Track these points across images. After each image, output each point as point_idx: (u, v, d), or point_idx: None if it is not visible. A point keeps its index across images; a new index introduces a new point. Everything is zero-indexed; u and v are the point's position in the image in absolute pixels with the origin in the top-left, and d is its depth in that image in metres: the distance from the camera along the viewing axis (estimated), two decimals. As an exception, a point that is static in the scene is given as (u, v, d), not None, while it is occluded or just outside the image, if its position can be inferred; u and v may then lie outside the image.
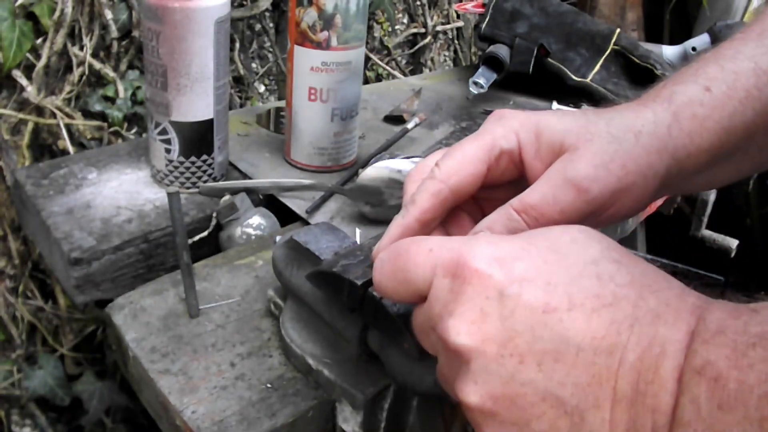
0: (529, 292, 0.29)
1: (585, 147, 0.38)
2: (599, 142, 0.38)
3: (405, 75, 1.38)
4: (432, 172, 0.39)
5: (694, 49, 1.05)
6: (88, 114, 0.92)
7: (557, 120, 0.40)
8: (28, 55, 0.85)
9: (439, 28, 1.45)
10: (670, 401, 0.26)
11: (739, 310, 0.27)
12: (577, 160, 0.38)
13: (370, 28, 1.31)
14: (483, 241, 0.32)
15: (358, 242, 0.48)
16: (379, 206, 0.65)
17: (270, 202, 0.70)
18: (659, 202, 1.00)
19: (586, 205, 0.37)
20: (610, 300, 0.29)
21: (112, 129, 0.92)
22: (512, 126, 0.40)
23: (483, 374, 0.30)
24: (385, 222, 0.65)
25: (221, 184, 0.68)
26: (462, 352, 0.30)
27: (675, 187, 0.44)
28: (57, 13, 0.86)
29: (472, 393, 0.30)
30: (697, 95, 0.41)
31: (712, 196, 1.14)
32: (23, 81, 0.85)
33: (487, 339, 0.30)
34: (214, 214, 0.65)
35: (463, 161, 0.39)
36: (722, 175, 0.45)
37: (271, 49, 1.16)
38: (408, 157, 0.67)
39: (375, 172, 0.65)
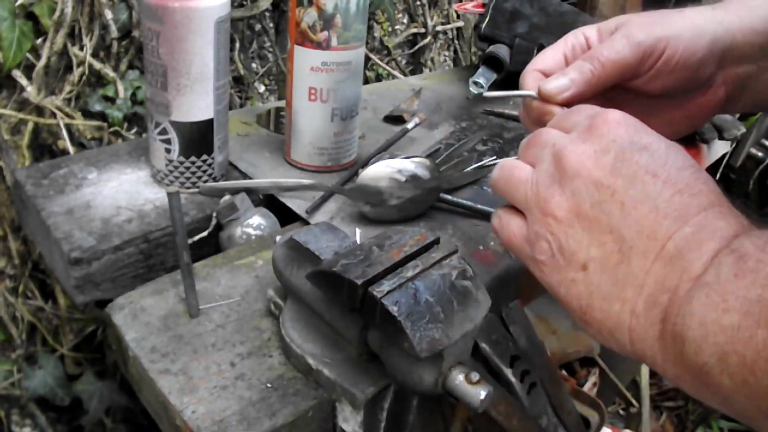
0: (644, 155, 0.36)
1: (636, 20, 0.48)
2: (650, 19, 0.48)
3: (405, 75, 1.38)
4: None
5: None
6: (88, 114, 0.92)
7: (629, 15, 0.51)
8: (28, 55, 0.85)
9: (439, 28, 1.45)
10: (700, 268, 0.32)
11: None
12: (628, 27, 0.48)
13: (370, 28, 1.31)
14: (621, 112, 0.39)
15: (358, 242, 0.48)
16: (379, 206, 0.65)
17: (270, 202, 0.70)
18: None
19: (634, 50, 0.47)
20: (695, 191, 0.35)
21: (112, 129, 0.93)
22: (582, 29, 0.52)
23: (580, 192, 0.37)
24: (385, 222, 0.65)
25: (221, 184, 0.68)
26: (574, 169, 0.38)
27: (740, 75, 0.50)
28: (57, 13, 0.86)
29: (563, 202, 0.38)
30: None
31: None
32: (23, 81, 0.85)
33: (599, 167, 0.37)
34: (214, 214, 0.65)
35: (544, 55, 0.52)
36: None
37: (271, 49, 1.16)
38: (408, 157, 0.67)
39: (375, 172, 0.65)
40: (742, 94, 0.52)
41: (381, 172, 0.65)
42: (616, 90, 0.49)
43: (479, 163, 0.77)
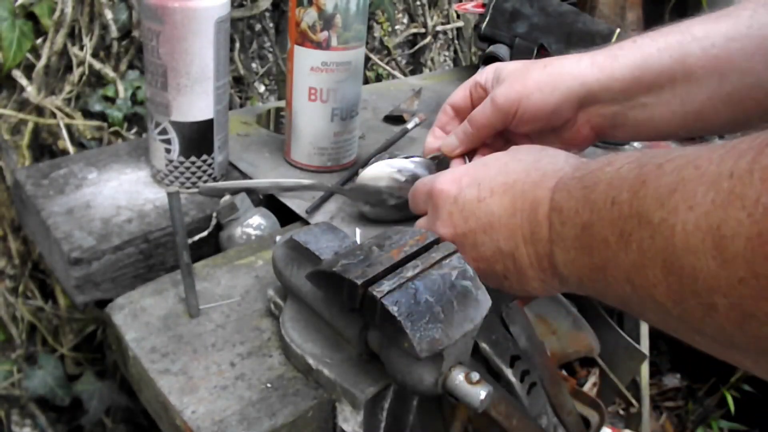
0: (469, 193, 0.48)
1: (509, 77, 0.59)
2: (518, 73, 0.59)
3: (405, 75, 1.38)
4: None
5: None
6: (88, 114, 0.92)
7: (513, 63, 0.62)
8: (28, 55, 0.85)
9: (439, 28, 1.45)
10: (546, 232, 0.43)
11: (579, 167, 0.42)
12: (499, 85, 0.59)
13: (370, 28, 1.31)
14: (447, 172, 0.52)
15: (358, 242, 0.48)
16: (378, 206, 0.65)
17: (270, 202, 0.70)
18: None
19: (496, 114, 0.59)
20: (511, 184, 0.46)
21: (112, 129, 0.92)
22: (487, 69, 0.63)
23: (460, 248, 0.47)
24: (385, 222, 0.65)
25: (221, 184, 0.68)
26: (447, 237, 0.49)
27: (605, 115, 0.58)
28: (57, 13, 0.86)
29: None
30: (622, 44, 0.57)
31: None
32: (23, 81, 0.85)
33: (457, 225, 0.48)
34: (214, 214, 0.65)
35: (456, 91, 0.64)
36: (658, 112, 0.57)
37: (271, 49, 1.16)
38: (408, 157, 0.67)
39: (375, 172, 0.65)
40: (615, 129, 0.59)
41: (381, 172, 0.65)
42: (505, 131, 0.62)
43: None
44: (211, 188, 0.67)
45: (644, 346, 1.08)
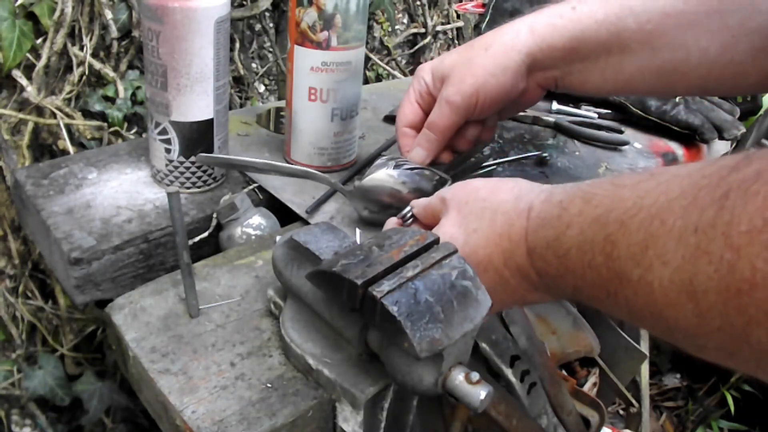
0: (472, 204, 0.47)
1: (453, 73, 0.60)
2: (461, 65, 0.59)
3: (405, 75, 1.38)
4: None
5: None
6: (88, 114, 0.92)
7: (447, 56, 0.62)
8: (28, 55, 0.85)
9: (439, 28, 1.45)
10: (543, 286, 0.43)
11: (550, 204, 0.42)
12: (448, 84, 0.60)
13: (370, 28, 1.31)
14: (450, 187, 0.51)
15: (358, 242, 0.48)
16: (377, 213, 0.65)
17: (270, 202, 0.70)
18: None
19: (457, 112, 0.60)
20: (485, 265, 0.45)
21: (112, 129, 0.93)
22: (421, 72, 0.64)
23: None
24: (382, 224, 0.65)
25: (219, 156, 0.67)
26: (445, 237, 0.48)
27: (549, 78, 0.62)
28: (57, 13, 0.86)
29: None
30: (560, 10, 0.59)
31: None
32: (23, 81, 0.85)
33: (461, 228, 0.47)
34: (215, 214, 0.65)
35: (403, 111, 0.65)
36: (592, 78, 0.61)
37: (271, 49, 1.16)
38: (413, 168, 0.65)
39: (378, 179, 0.63)
40: (556, 87, 0.63)
41: (385, 180, 0.63)
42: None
43: (483, 170, 0.76)
44: (208, 158, 0.66)
45: (644, 346, 1.08)
